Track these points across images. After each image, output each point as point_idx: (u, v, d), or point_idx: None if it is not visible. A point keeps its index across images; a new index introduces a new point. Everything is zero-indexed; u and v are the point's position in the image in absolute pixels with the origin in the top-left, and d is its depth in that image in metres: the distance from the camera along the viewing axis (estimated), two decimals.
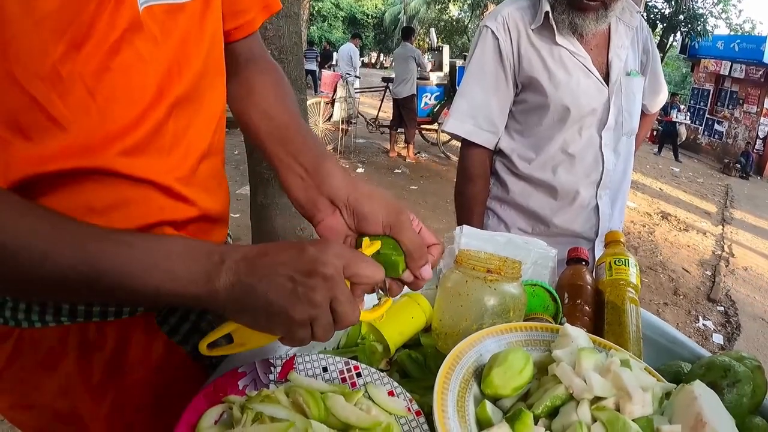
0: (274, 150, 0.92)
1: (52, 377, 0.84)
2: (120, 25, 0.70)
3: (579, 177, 1.88)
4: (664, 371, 0.99)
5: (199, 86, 0.85)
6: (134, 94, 0.74)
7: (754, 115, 18.53)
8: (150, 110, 0.76)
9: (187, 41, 0.81)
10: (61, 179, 0.71)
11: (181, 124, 0.82)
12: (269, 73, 1.05)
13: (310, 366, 0.86)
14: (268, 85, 1.02)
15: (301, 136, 0.93)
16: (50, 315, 0.80)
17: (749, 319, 5.66)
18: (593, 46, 1.86)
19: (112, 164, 0.73)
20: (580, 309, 1.09)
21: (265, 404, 0.72)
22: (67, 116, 0.68)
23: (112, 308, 0.84)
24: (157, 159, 0.79)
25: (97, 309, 0.83)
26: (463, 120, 1.93)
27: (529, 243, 1.24)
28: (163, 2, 0.76)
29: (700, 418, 0.69)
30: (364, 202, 0.82)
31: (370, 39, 47.30)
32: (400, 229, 0.80)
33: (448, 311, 0.96)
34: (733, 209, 11.02)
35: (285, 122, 0.95)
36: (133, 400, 0.90)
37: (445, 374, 0.77)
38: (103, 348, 0.86)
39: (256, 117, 0.97)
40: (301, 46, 3.48)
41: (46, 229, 0.62)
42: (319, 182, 0.86)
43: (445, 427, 0.68)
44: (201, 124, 0.87)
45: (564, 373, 0.75)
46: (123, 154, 0.74)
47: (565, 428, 0.70)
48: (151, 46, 0.74)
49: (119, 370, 0.88)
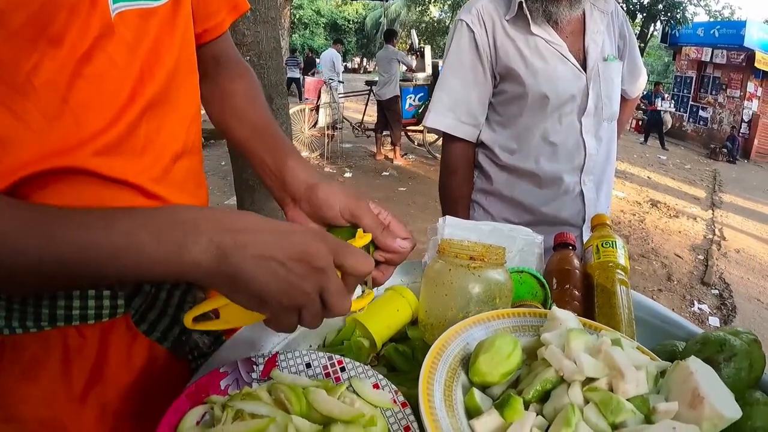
0: (249, 152, 0.98)
1: (35, 386, 0.82)
2: (92, 33, 0.70)
3: (562, 164, 1.87)
4: (659, 351, 0.96)
5: (171, 87, 0.85)
6: (107, 99, 0.74)
7: (737, 100, 18.73)
8: (123, 113, 0.76)
9: (159, 44, 0.82)
10: (35, 180, 0.71)
11: (154, 125, 0.82)
12: (242, 77, 1.09)
13: (293, 363, 0.84)
14: (240, 90, 1.06)
15: (270, 136, 0.98)
16: (30, 321, 0.78)
17: (744, 300, 5.69)
18: (568, 34, 1.86)
19: (85, 164, 0.73)
20: (570, 294, 1.07)
21: (246, 402, 0.70)
22: (42, 124, 0.68)
23: (92, 311, 0.82)
24: (130, 160, 0.79)
25: (76, 312, 0.81)
26: (444, 114, 1.92)
27: (514, 230, 1.21)
28: (135, 7, 0.77)
29: (697, 393, 0.66)
30: (319, 192, 0.85)
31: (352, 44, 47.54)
32: (360, 214, 0.82)
33: (433, 301, 0.93)
34: (721, 193, 11.11)
35: (256, 124, 1.01)
36: (117, 406, 0.88)
37: (431, 364, 0.74)
38: (85, 353, 0.84)
39: (232, 121, 1.02)
40: (280, 51, 3.47)
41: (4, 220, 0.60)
42: (282, 180, 0.91)
43: (431, 417, 0.65)
44: (174, 124, 0.87)
45: (553, 355, 0.73)
46: (96, 154, 0.74)
47: (557, 411, 0.68)
48: (123, 51, 0.75)
49: (102, 375, 0.86)
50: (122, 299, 0.85)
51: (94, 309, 0.82)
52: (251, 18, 3.22)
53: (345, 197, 0.84)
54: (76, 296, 0.80)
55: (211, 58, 1.06)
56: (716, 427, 0.65)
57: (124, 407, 0.89)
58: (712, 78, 20.08)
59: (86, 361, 0.85)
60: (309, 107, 10.24)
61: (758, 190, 12.07)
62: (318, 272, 0.64)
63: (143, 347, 0.92)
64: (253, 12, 3.20)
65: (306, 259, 0.64)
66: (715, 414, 0.65)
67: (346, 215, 0.83)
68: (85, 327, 0.83)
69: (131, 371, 0.90)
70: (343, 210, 0.83)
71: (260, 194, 3.58)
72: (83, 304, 0.81)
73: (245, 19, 3.22)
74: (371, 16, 43.56)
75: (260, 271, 0.62)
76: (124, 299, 0.85)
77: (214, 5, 1.02)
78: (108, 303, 0.83)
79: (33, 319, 0.79)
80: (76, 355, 0.84)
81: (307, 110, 10.09)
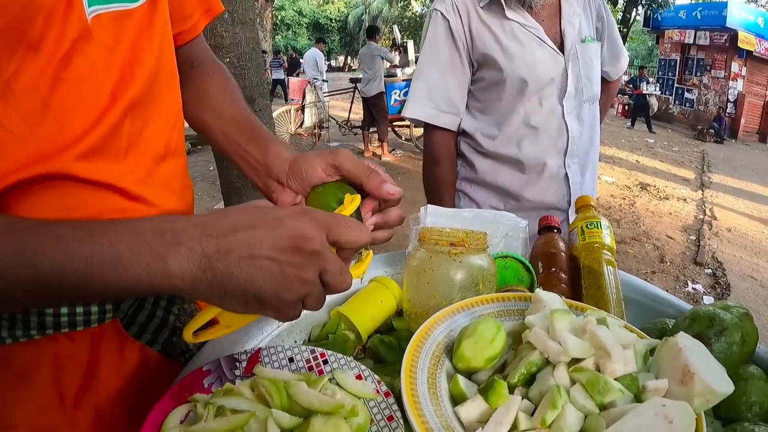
0: (230, 145, 0.99)
1: (28, 393, 0.81)
2: (69, 36, 0.70)
3: (545, 148, 1.86)
4: (649, 330, 0.96)
5: (153, 88, 0.85)
6: (89, 102, 0.74)
7: (722, 80, 18.85)
8: (104, 115, 0.76)
9: (138, 45, 0.81)
10: (18, 188, 0.70)
11: (137, 127, 0.82)
12: (216, 74, 1.09)
13: (276, 358, 0.83)
14: (216, 86, 1.06)
15: (249, 128, 0.99)
16: (20, 329, 0.78)
17: (738, 278, 5.72)
18: (544, 17, 1.86)
19: (68, 169, 0.72)
20: (556, 277, 1.06)
21: (228, 398, 0.69)
22: (24, 130, 0.68)
23: (80, 317, 0.81)
24: (114, 162, 0.78)
25: (65, 319, 0.80)
26: (423, 104, 1.92)
27: (498, 216, 1.20)
28: (110, 10, 0.76)
29: (688, 369, 0.65)
30: (299, 161, 0.88)
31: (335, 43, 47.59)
32: (340, 162, 0.84)
33: (416, 290, 0.92)
34: (711, 173, 11.17)
35: (234, 117, 1.01)
36: (111, 410, 0.87)
37: (413, 352, 0.73)
38: (77, 359, 0.84)
39: (209, 118, 1.02)
40: (260, 52, 3.45)
41: None
42: (267, 166, 0.92)
43: (414, 405, 0.63)
44: (157, 125, 0.87)
45: (537, 337, 0.71)
46: (79, 158, 0.73)
47: (543, 394, 0.66)
48: (102, 54, 0.75)
49: (94, 380, 0.85)
50: (110, 304, 0.84)
51: (82, 315, 0.81)
52: (229, 20, 3.21)
53: (323, 154, 0.86)
54: None
55: (186, 60, 1.06)
56: (708, 402, 0.64)
57: (118, 411, 0.88)
58: (696, 60, 20.19)
59: (78, 367, 0.84)
60: (294, 108, 10.22)
61: (747, 169, 12.14)
62: (314, 256, 0.63)
63: (135, 351, 0.91)
64: (230, 14, 3.19)
65: (299, 245, 0.62)
66: (707, 389, 0.63)
67: (329, 170, 0.85)
68: (75, 333, 0.82)
69: (123, 375, 0.89)
70: (324, 167, 0.85)
71: (247, 195, 3.57)
72: (71, 310, 0.80)
73: (223, 20, 3.21)
74: (353, 13, 43.60)
75: (253, 273, 0.60)
76: (113, 303, 0.84)
77: (188, 8, 1.02)
78: (96, 309, 0.82)
79: (22, 327, 0.78)
80: (67, 361, 0.83)
81: (293, 111, 10.07)
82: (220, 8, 1.09)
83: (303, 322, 1.01)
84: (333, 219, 0.66)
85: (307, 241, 0.62)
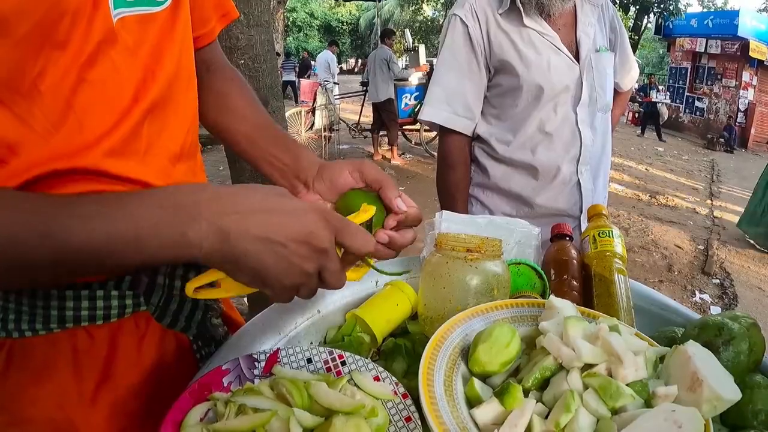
0: (254, 149, 1.04)
1: (45, 388, 0.82)
2: (94, 38, 0.71)
3: (558, 154, 1.88)
4: (658, 338, 0.96)
5: (172, 90, 0.86)
6: (111, 103, 0.75)
7: (733, 89, 18.72)
8: (126, 117, 0.77)
9: (160, 49, 0.82)
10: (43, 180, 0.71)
11: (156, 128, 0.83)
12: (234, 80, 1.12)
13: (294, 359, 0.85)
14: (236, 91, 1.10)
15: (274, 134, 1.05)
16: (39, 323, 0.79)
17: (745, 288, 5.68)
18: (561, 26, 1.88)
19: (94, 165, 0.74)
20: (568, 284, 1.07)
21: (249, 397, 0.71)
22: (48, 128, 0.69)
23: (101, 311, 0.82)
24: (135, 161, 0.80)
25: (85, 313, 0.81)
26: (440, 108, 1.93)
27: (510, 223, 1.21)
28: (135, 13, 0.77)
29: (696, 377, 0.67)
30: (328, 166, 0.95)
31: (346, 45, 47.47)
32: (365, 170, 0.90)
33: (431, 295, 0.94)
34: (720, 183, 11.07)
35: (259, 123, 1.06)
36: (127, 406, 0.88)
37: (430, 355, 0.74)
38: (94, 354, 0.85)
39: (233, 121, 1.06)
40: (274, 54, 3.46)
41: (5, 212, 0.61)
42: (296, 169, 0.98)
43: (432, 407, 0.65)
44: (174, 126, 0.88)
45: (551, 343, 0.73)
46: (103, 156, 0.75)
47: (557, 398, 0.68)
48: (126, 56, 0.76)
49: (112, 375, 0.86)
50: (130, 299, 0.85)
51: (102, 309, 0.82)
52: (244, 22, 3.21)
53: (350, 162, 0.93)
54: (85, 297, 0.80)
55: (202, 64, 1.06)
56: (716, 408, 0.66)
57: (134, 407, 0.89)
58: (707, 68, 20.09)
59: (96, 362, 0.85)
60: (305, 110, 10.20)
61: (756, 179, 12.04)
62: (320, 253, 0.68)
63: (152, 346, 0.92)
64: (246, 16, 3.19)
65: (309, 240, 0.67)
66: (715, 396, 0.65)
67: (354, 175, 0.91)
68: (93, 327, 0.84)
69: (140, 371, 0.90)
70: (351, 170, 0.91)
71: None
72: (91, 305, 0.81)
73: (238, 23, 3.20)
74: (365, 17, 43.48)
75: (263, 253, 0.65)
76: (143, 297, 0.86)
77: (205, 13, 1.04)
78: (116, 303, 0.84)
79: (42, 321, 0.79)
80: (85, 356, 0.84)
81: (304, 113, 10.05)
82: (235, 14, 1.11)
83: (319, 324, 1.03)
84: (344, 224, 0.72)
85: (317, 239, 0.67)
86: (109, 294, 0.82)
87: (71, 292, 0.80)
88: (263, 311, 1.01)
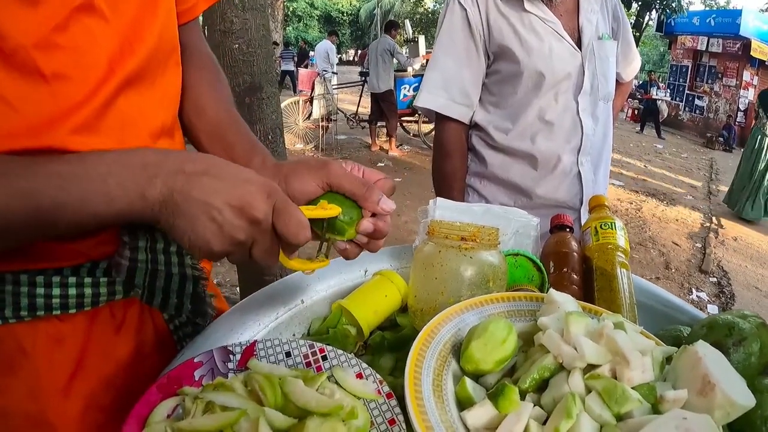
0: (209, 145, 1.00)
1: (17, 379, 0.79)
2: (70, 3, 0.69)
3: (559, 143, 1.83)
4: (663, 337, 0.92)
5: (151, 65, 0.83)
6: (85, 72, 0.72)
7: (733, 88, 18.81)
8: (100, 87, 0.74)
9: (140, 21, 0.80)
10: None
11: (133, 101, 0.80)
12: (205, 69, 1.08)
13: (272, 352, 0.79)
14: (203, 81, 1.05)
15: (234, 132, 1.01)
16: (9, 311, 0.76)
17: (743, 288, 5.71)
18: (563, 12, 1.83)
19: (63, 143, 0.71)
20: (568, 278, 1.02)
21: (218, 393, 0.66)
22: (18, 96, 0.67)
23: (73, 299, 0.80)
24: (109, 138, 0.77)
25: (57, 301, 0.79)
26: (436, 93, 1.88)
27: (508, 212, 1.16)
28: None
29: (708, 379, 0.62)
30: (291, 175, 0.83)
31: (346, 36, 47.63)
32: (334, 178, 0.81)
33: (422, 285, 0.88)
34: (718, 182, 11.11)
35: (218, 118, 1.02)
36: (102, 399, 0.85)
37: (418, 352, 0.69)
38: (68, 345, 0.82)
39: (190, 112, 1.01)
40: (270, 39, 3.41)
41: None
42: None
43: (417, 409, 0.59)
44: (153, 103, 0.85)
45: (551, 340, 0.67)
46: (74, 132, 0.72)
47: (557, 401, 0.62)
48: (102, 25, 0.73)
49: (86, 367, 0.84)
50: (104, 287, 0.82)
51: (75, 297, 0.80)
52: (239, 5, 3.16)
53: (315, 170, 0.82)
54: (56, 284, 0.78)
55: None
56: (729, 415, 0.61)
57: (109, 400, 0.86)
58: (707, 67, 20.15)
59: (69, 353, 0.82)
60: (303, 99, 10.20)
61: None
62: (253, 225, 0.67)
63: (129, 337, 0.89)
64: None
65: (244, 209, 0.66)
66: (728, 401, 0.61)
67: (324, 186, 0.82)
68: (67, 317, 0.81)
69: (116, 362, 0.88)
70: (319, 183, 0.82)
71: None
72: (63, 292, 0.79)
73: (233, 6, 3.17)
74: (365, 7, 43.54)
75: (197, 214, 0.65)
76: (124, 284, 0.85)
77: None
78: (90, 291, 0.81)
79: (12, 309, 0.76)
80: (58, 346, 0.81)
81: (301, 102, 10.06)
82: None
83: (303, 315, 0.98)
84: (285, 206, 0.69)
85: (253, 209, 0.66)
86: (82, 281, 0.80)
87: (42, 278, 0.77)
88: (242, 300, 0.96)
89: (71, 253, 0.79)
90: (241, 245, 0.68)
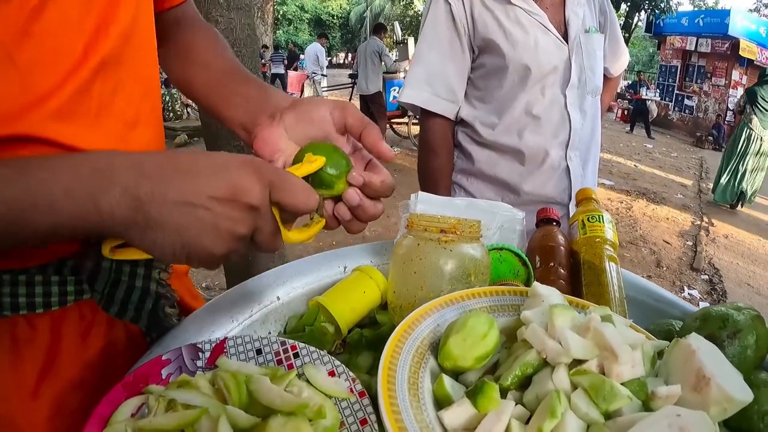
0: (213, 95, 0.94)
1: None
2: None
3: (546, 138, 1.80)
4: (654, 331, 0.89)
5: (127, 48, 0.80)
6: (59, 57, 0.69)
7: (722, 88, 18.94)
8: (74, 73, 0.71)
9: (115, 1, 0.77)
10: None
11: (108, 88, 0.77)
12: (207, 30, 1.06)
13: (243, 350, 0.76)
14: (207, 41, 1.03)
15: (243, 75, 0.95)
16: None
17: (734, 285, 5.72)
18: (548, 5, 1.81)
19: (40, 131, 0.68)
20: (555, 272, 0.99)
21: (182, 391, 0.63)
22: None
23: (40, 299, 0.77)
24: (84, 125, 0.74)
25: (23, 300, 0.76)
26: (420, 88, 1.84)
27: (493, 206, 1.12)
28: None
29: (702, 373, 0.58)
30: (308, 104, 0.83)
31: (336, 39, 47.77)
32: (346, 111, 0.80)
33: (401, 280, 0.84)
34: (708, 180, 11.16)
35: (224, 67, 0.97)
36: (71, 402, 0.83)
37: (394, 348, 0.65)
38: (36, 345, 0.80)
39: (195, 70, 0.98)
40: (256, 39, 3.38)
41: None
42: (264, 103, 0.87)
43: (390, 408, 0.55)
44: (129, 89, 0.82)
45: (534, 335, 0.63)
46: (48, 119, 0.69)
47: (540, 399, 0.58)
48: (77, 7, 0.70)
49: (54, 369, 0.81)
50: (72, 285, 0.79)
51: (42, 297, 0.77)
52: (224, 5, 3.14)
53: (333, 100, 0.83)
54: (22, 283, 0.75)
55: (174, 22, 1.02)
56: (725, 411, 0.58)
57: (78, 402, 0.83)
58: (696, 67, 20.27)
59: (37, 353, 0.80)
60: None
61: None
62: (251, 211, 0.61)
63: (99, 337, 0.87)
64: None
65: (237, 197, 0.59)
66: (724, 396, 0.57)
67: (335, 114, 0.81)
68: (35, 317, 0.78)
69: (86, 363, 0.85)
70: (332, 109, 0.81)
71: None
72: (30, 291, 0.76)
73: (218, 5, 3.14)
74: (355, 11, 43.74)
75: (183, 220, 0.58)
76: (86, 284, 0.81)
77: None
78: (57, 290, 0.78)
79: None
80: (25, 347, 0.79)
81: None
82: None
83: (279, 312, 0.94)
84: (280, 177, 0.64)
85: (246, 194, 0.60)
86: (48, 280, 0.77)
87: (8, 277, 0.74)
88: (215, 297, 0.92)
89: (41, 252, 0.75)
90: (243, 239, 0.62)
